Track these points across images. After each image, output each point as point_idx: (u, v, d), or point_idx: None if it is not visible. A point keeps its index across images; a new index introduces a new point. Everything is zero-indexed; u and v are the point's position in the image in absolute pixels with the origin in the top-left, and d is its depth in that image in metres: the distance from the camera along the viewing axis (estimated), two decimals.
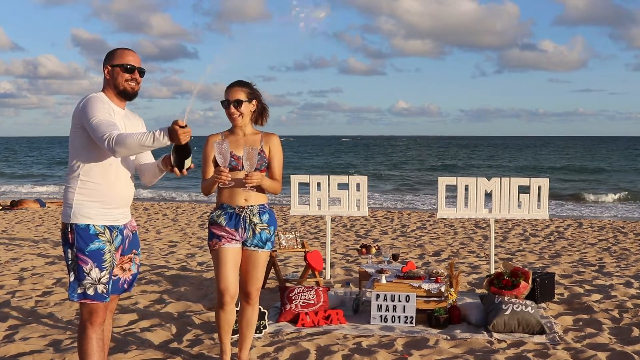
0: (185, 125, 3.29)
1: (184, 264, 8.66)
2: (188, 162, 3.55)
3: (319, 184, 7.43)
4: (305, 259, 6.84)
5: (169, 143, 3.34)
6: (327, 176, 7.47)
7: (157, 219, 14.52)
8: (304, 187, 7.55)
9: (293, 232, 7.23)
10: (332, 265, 8.43)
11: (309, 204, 7.49)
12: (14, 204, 17.36)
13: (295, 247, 7.18)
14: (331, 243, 10.21)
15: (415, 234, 12.21)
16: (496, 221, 13.31)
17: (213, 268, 8.07)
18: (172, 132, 3.29)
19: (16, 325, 5.58)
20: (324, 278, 7.54)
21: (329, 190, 7.43)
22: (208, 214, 15.54)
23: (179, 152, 3.48)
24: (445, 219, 14.15)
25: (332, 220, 13.48)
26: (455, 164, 47.86)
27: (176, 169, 3.53)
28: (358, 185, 7.45)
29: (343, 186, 7.48)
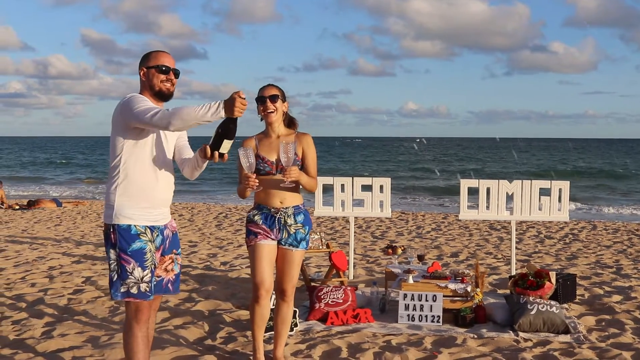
0: (245, 98, 3.29)
1: (208, 263, 8.81)
2: (227, 146, 3.50)
3: (342, 186, 7.57)
4: (330, 259, 6.96)
5: (223, 115, 3.32)
6: (351, 178, 7.60)
7: (174, 219, 14.65)
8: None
9: (318, 233, 7.35)
10: (353, 266, 8.55)
11: (332, 205, 7.62)
12: (31, 204, 17.57)
13: (320, 247, 7.31)
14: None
15: (431, 235, 12.32)
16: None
17: (238, 268, 8.26)
18: (229, 102, 3.30)
19: (52, 322, 5.73)
20: (348, 278, 7.67)
21: (352, 192, 7.56)
22: (224, 214, 15.69)
23: (222, 130, 3.43)
24: (459, 220, 14.26)
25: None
26: (466, 167, 47.84)
27: (208, 149, 3.53)
28: (381, 187, 7.57)
29: (366, 188, 7.61)
